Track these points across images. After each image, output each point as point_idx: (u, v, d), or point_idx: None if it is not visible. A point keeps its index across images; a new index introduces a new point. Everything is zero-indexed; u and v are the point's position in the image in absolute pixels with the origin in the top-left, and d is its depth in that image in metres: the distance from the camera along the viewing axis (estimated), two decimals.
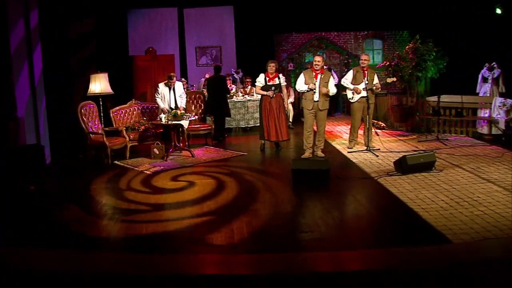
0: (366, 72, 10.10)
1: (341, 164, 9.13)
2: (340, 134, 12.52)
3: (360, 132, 10.71)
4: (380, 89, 10.33)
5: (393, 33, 17.63)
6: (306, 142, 9.80)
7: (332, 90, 9.57)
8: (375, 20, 16.71)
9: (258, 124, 13.27)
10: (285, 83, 10.57)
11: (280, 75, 10.45)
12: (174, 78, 10.89)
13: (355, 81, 10.18)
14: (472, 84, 12.30)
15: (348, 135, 11.05)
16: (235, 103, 13.38)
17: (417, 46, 12.34)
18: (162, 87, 10.81)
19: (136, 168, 9.26)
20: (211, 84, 12.41)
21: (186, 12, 16.28)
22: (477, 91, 11.88)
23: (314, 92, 9.47)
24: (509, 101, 10.92)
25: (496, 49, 12.24)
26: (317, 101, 9.55)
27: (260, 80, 10.29)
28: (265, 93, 10.19)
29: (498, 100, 11.07)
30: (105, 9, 13.53)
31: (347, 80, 10.27)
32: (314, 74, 9.55)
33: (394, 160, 8.49)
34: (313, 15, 16.48)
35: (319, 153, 9.75)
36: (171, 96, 10.68)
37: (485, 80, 11.70)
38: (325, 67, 16.06)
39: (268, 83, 10.22)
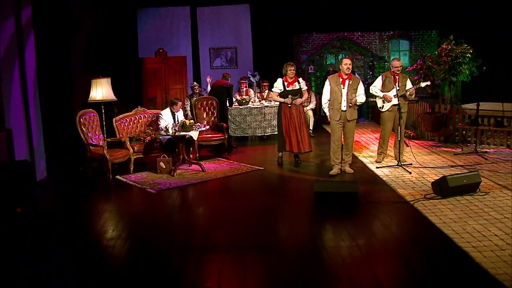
0: (397, 77, 9.02)
1: (370, 183, 8.04)
2: (366, 145, 11.39)
3: (390, 142, 9.63)
4: (413, 95, 9.22)
5: (421, 33, 16.48)
6: (334, 156, 8.75)
7: (360, 99, 8.53)
8: (402, 19, 15.66)
9: (276, 133, 12.34)
10: (306, 87, 9.52)
11: (300, 79, 9.42)
12: (179, 103, 9.75)
13: (384, 88, 9.11)
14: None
15: (375, 147, 9.99)
16: (251, 110, 12.35)
17: (451, 48, 11.19)
18: (166, 114, 9.65)
19: (139, 186, 8.29)
20: (217, 90, 11.54)
21: (199, 11, 15.26)
22: None
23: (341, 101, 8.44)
24: None
25: None
26: (345, 110, 8.49)
27: (278, 85, 9.26)
28: (282, 100, 9.15)
29: None
30: (113, 7, 12.61)
31: (375, 88, 9.20)
32: (341, 80, 8.49)
33: (432, 181, 7.38)
34: (335, 14, 15.47)
35: (348, 169, 8.72)
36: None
37: None
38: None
39: (287, 89, 9.18)
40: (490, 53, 11.78)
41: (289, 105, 9.11)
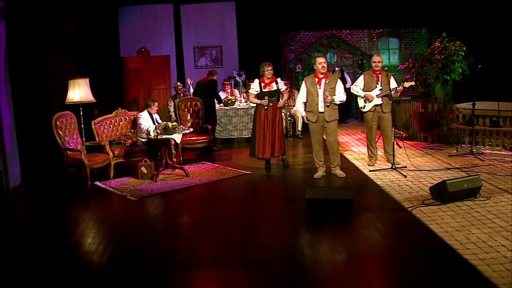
0: (379, 75, 8.60)
1: (364, 188, 7.60)
2: (357, 147, 10.96)
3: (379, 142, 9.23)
4: (399, 94, 8.78)
5: (411, 31, 16.09)
6: (317, 159, 8.32)
7: (339, 97, 8.02)
8: (391, 16, 15.27)
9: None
10: (285, 87, 9.04)
11: (279, 79, 8.92)
12: (155, 104, 9.40)
13: (367, 87, 8.67)
14: (507, 88, 10.80)
15: (366, 148, 9.55)
16: (237, 110, 11.89)
17: (444, 45, 10.80)
18: (145, 115, 9.28)
19: (119, 193, 7.79)
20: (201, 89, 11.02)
21: (183, 8, 14.73)
22: None
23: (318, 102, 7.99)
24: None
25: None
26: (323, 112, 8.01)
27: (254, 86, 8.78)
28: (259, 101, 8.67)
29: None
30: (93, 5, 12.08)
31: (357, 87, 8.78)
32: (317, 80, 8.03)
33: (430, 186, 6.95)
34: (323, 11, 15.06)
35: (339, 172, 8.26)
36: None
37: None
38: (337, 68, 14.70)
39: (264, 90, 8.69)
40: (482, 51, 11.42)
41: (266, 107, 8.64)
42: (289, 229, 6.04)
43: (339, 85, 8.07)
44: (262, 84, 8.69)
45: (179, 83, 12.46)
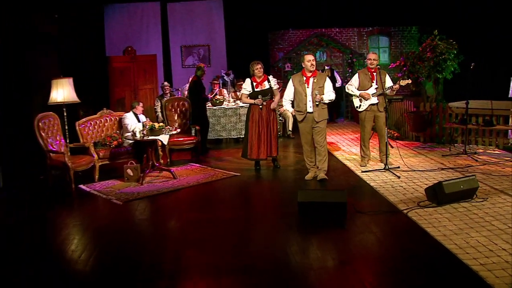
0: (374, 74, 8.38)
1: (357, 190, 7.38)
2: (348, 147, 10.74)
3: (371, 143, 9.02)
4: (394, 93, 8.58)
5: (401, 29, 15.94)
6: (308, 160, 8.09)
7: (328, 96, 7.77)
8: (381, 14, 15.13)
9: None
10: (277, 86, 8.81)
11: (270, 77, 8.69)
12: (140, 104, 9.19)
13: (362, 86, 8.46)
14: (496, 86, 10.65)
15: (357, 149, 9.36)
16: (225, 110, 11.62)
17: (436, 43, 10.62)
18: (130, 116, 9.07)
19: (104, 196, 7.51)
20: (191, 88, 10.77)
21: (170, 7, 14.44)
22: (510, 95, 10.13)
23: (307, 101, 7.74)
24: None
25: None
26: (312, 112, 7.77)
27: (246, 86, 8.54)
28: (252, 101, 8.43)
29: None
30: (78, 3, 11.76)
31: (352, 86, 8.56)
32: (305, 78, 7.79)
33: (426, 187, 6.73)
34: (312, 9, 14.84)
35: (321, 175, 7.90)
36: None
37: None
38: (326, 67, 14.48)
39: (256, 89, 8.46)
40: (472, 50, 11.27)
41: (260, 107, 8.40)
42: (280, 234, 5.80)
43: (328, 84, 7.83)
44: (254, 84, 8.46)
45: (166, 83, 12.17)
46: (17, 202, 7.64)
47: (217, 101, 11.69)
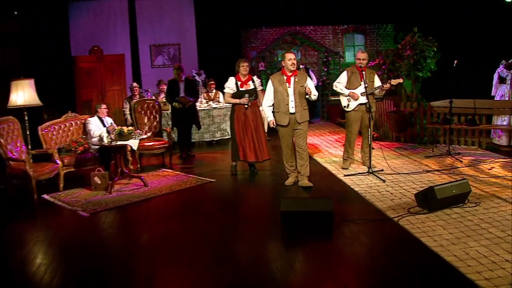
0: (363, 73, 7.99)
1: (341, 196, 6.92)
2: (327, 149, 10.31)
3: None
4: (384, 92, 8.22)
5: (376, 27, 15.59)
6: (288, 164, 7.62)
7: (315, 93, 7.36)
8: (356, 12, 14.73)
9: (226, 137, 11.17)
10: (261, 87, 8.35)
11: (255, 78, 8.24)
12: (102, 107, 8.58)
13: (350, 84, 8.06)
14: (475, 84, 10.40)
15: (337, 150, 8.97)
16: (198, 112, 11.05)
17: (416, 41, 10.29)
18: (94, 121, 8.45)
19: (69, 207, 6.91)
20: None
21: (138, 4, 13.76)
22: (493, 93, 9.89)
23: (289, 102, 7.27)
24: None
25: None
26: (294, 112, 7.31)
27: (230, 85, 8.03)
28: (238, 101, 7.94)
29: None
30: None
31: (340, 84, 8.13)
32: (285, 78, 7.32)
33: (416, 192, 6.33)
34: (285, 7, 14.35)
35: (305, 182, 7.43)
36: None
37: (502, 80, 9.69)
38: (301, 66, 14.02)
39: (240, 89, 7.98)
40: (449, 48, 10.99)
41: (246, 106, 7.92)
42: (264, 246, 5.32)
43: (310, 83, 7.37)
44: (239, 83, 7.96)
45: (135, 84, 11.58)
46: None
47: None
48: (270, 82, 7.40)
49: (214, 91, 12.13)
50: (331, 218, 5.56)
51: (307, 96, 7.22)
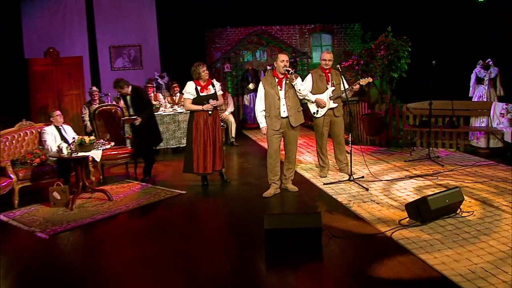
0: (329, 75, 7.55)
1: (324, 207, 6.44)
2: (300, 154, 9.82)
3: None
4: (351, 94, 7.78)
5: (344, 27, 15.25)
6: (271, 174, 7.09)
7: (302, 87, 6.96)
8: (323, 11, 14.40)
9: None
10: (222, 92, 7.79)
11: (214, 81, 7.64)
12: (55, 114, 7.86)
13: (316, 89, 7.59)
14: (452, 85, 10.15)
15: (311, 156, 8.52)
16: (163, 117, 10.40)
17: (390, 40, 9.94)
18: (50, 130, 7.76)
19: (26, 228, 6.19)
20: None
21: (96, 3, 12.98)
22: (470, 94, 9.63)
23: (280, 105, 6.81)
24: None
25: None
26: (286, 116, 6.86)
27: (190, 90, 7.41)
28: (201, 108, 7.35)
29: (499, 106, 8.86)
30: None
31: (305, 90, 7.63)
32: (277, 80, 6.85)
33: (406, 203, 5.90)
34: (251, 6, 13.85)
35: (290, 186, 7.16)
36: (64, 139, 7.71)
37: (479, 81, 9.43)
38: (268, 67, 13.55)
39: (201, 94, 7.39)
40: (421, 48, 10.71)
41: (210, 113, 7.35)
42: (247, 270, 4.78)
43: (300, 83, 6.92)
44: (199, 87, 7.38)
45: (94, 88, 10.87)
46: None
47: (154, 107, 10.47)
48: (261, 85, 6.92)
49: (178, 94, 11.51)
50: (320, 235, 5.07)
51: (293, 82, 6.77)
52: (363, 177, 7.60)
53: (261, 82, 7.00)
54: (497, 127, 8.82)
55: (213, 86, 7.53)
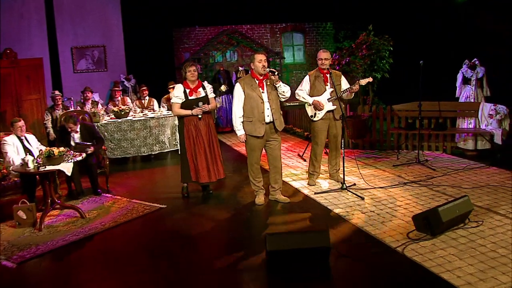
0: (328, 75, 7.06)
1: (322, 221, 5.93)
2: (284, 161, 9.28)
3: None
4: (353, 95, 7.34)
5: (316, 25, 14.87)
6: (255, 181, 6.61)
7: (285, 89, 6.41)
8: (294, 10, 13.99)
9: (165, 150, 9.98)
10: (213, 95, 7.20)
11: (205, 83, 7.07)
12: (17, 123, 7.10)
13: (314, 90, 7.10)
14: (438, 85, 9.84)
15: (294, 162, 8.05)
16: (133, 123, 9.69)
17: (371, 40, 9.54)
18: (11, 141, 7.04)
19: None
20: None
21: (56, 1, 12.23)
22: (457, 95, 9.31)
23: (265, 110, 6.29)
24: (501, 107, 8.46)
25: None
26: (270, 121, 6.34)
27: (178, 94, 6.81)
28: (189, 112, 6.76)
29: (487, 107, 8.56)
30: None
31: (303, 92, 7.14)
32: (257, 81, 6.31)
33: (414, 215, 5.44)
34: (220, 4, 13.40)
35: (281, 197, 6.65)
36: (28, 150, 7.02)
37: (466, 81, 9.12)
38: (240, 68, 13.01)
39: (190, 97, 6.81)
40: (401, 48, 10.39)
41: (199, 117, 6.76)
42: None
43: (283, 85, 6.36)
44: (187, 90, 6.78)
45: (56, 92, 10.10)
46: None
47: (122, 112, 9.78)
48: (238, 88, 6.34)
49: (147, 98, 10.83)
50: (327, 255, 4.56)
51: (276, 84, 6.26)
52: (354, 184, 7.15)
53: (237, 85, 6.41)
54: (486, 129, 8.53)
55: (204, 88, 6.94)
